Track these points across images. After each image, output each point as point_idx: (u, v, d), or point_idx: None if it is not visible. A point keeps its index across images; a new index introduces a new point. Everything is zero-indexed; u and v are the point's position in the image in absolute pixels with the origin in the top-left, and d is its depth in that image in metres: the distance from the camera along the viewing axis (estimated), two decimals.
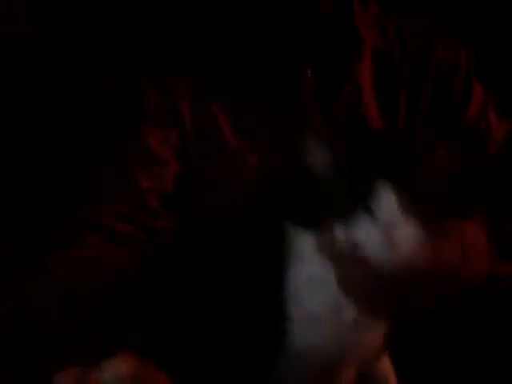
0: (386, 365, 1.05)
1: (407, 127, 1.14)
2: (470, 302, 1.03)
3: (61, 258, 1.02)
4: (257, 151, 1.09)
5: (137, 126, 1.10)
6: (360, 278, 0.91)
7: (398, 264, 0.89)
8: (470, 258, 0.97)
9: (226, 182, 1.10)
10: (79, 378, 0.81)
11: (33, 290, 1.00)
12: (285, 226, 0.97)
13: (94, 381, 0.80)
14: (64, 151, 1.43)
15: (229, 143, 1.10)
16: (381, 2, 1.17)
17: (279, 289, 0.95)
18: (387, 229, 0.89)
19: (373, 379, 1.04)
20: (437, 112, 1.15)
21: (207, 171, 1.11)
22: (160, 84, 1.11)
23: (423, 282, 0.90)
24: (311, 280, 0.94)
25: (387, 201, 0.90)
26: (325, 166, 0.95)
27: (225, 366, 0.97)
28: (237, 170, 1.09)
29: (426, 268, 0.89)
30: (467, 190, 0.99)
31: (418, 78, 1.15)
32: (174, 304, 1.03)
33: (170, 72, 1.12)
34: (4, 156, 1.42)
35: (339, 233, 0.92)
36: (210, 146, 1.10)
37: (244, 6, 1.12)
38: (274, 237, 0.97)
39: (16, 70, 1.42)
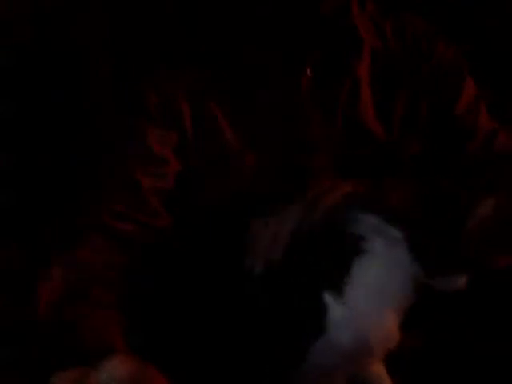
0: (377, 366, 1.05)
1: (403, 127, 1.14)
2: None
3: (62, 259, 1.02)
4: (255, 151, 1.09)
5: (137, 127, 1.10)
6: None
7: None
8: None
9: (224, 182, 1.10)
10: (77, 378, 0.81)
11: (34, 290, 1.00)
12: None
13: (91, 381, 0.80)
14: (64, 151, 1.43)
15: (228, 143, 1.10)
16: (380, 2, 1.17)
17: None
18: None
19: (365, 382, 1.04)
20: (435, 108, 1.16)
21: (206, 171, 1.11)
22: (160, 85, 1.11)
23: None
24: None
25: None
26: None
27: (226, 370, 0.97)
28: (235, 170, 1.09)
29: None
30: None
31: (418, 77, 1.15)
32: (175, 304, 1.03)
33: (170, 73, 1.12)
34: (4, 156, 1.42)
35: None
36: (209, 145, 1.10)
37: (244, 7, 1.12)
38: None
39: (16, 70, 1.42)
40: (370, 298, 0.94)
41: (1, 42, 1.41)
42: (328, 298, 0.94)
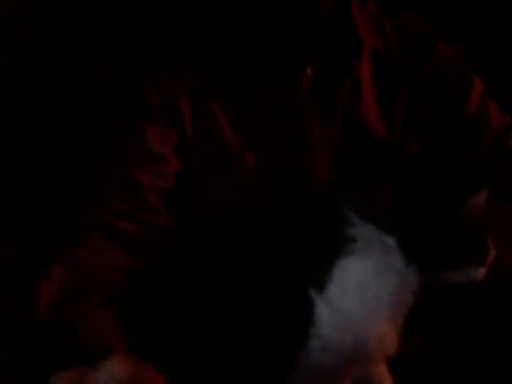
0: (379, 368, 1.05)
1: (405, 127, 1.14)
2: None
3: (62, 259, 1.02)
4: (256, 151, 1.09)
5: (137, 126, 1.10)
6: None
7: None
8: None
9: (224, 182, 1.10)
10: (77, 378, 0.81)
11: (34, 290, 1.00)
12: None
13: (91, 381, 0.80)
14: (64, 151, 1.43)
15: (228, 143, 1.10)
16: (380, 2, 1.17)
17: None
18: None
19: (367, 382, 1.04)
20: (437, 108, 1.16)
21: (206, 170, 1.11)
22: (160, 84, 1.11)
23: None
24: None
25: None
26: None
27: (225, 370, 0.97)
28: (235, 169, 1.09)
29: None
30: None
31: (418, 77, 1.15)
32: (175, 304, 1.03)
33: (170, 73, 1.12)
34: (4, 156, 1.42)
35: None
36: (209, 144, 1.10)
37: (244, 7, 1.12)
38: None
39: (16, 70, 1.42)
40: (358, 299, 0.94)
41: (1, 42, 1.41)
42: (313, 294, 0.94)
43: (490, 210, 0.99)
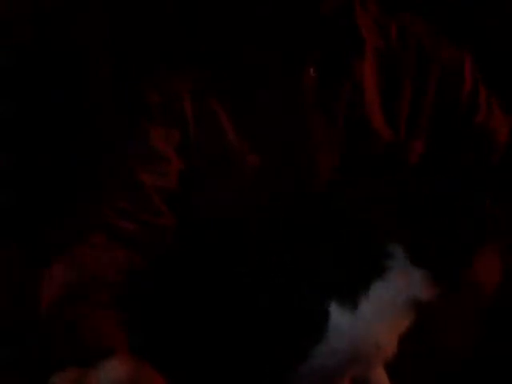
0: (378, 371, 1.05)
1: (409, 126, 1.14)
2: None
3: (62, 259, 1.02)
4: (257, 151, 1.09)
5: (139, 126, 1.10)
6: None
7: None
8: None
9: (226, 182, 1.10)
10: (77, 378, 0.81)
11: (34, 290, 1.00)
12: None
13: (91, 381, 0.80)
14: (64, 151, 1.43)
15: (230, 142, 1.10)
16: (380, 3, 1.17)
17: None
18: None
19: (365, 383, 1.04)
20: (445, 113, 1.16)
21: (208, 169, 1.11)
22: (161, 84, 1.11)
23: None
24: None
25: None
26: None
27: (225, 370, 0.97)
28: (237, 169, 1.09)
29: None
30: None
31: (421, 78, 1.15)
32: (175, 304, 1.03)
33: (170, 73, 1.12)
34: (4, 156, 1.42)
35: None
36: (211, 144, 1.10)
37: (244, 7, 1.12)
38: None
39: (16, 70, 1.42)
40: (374, 314, 0.95)
41: (1, 42, 1.41)
42: (334, 307, 0.94)
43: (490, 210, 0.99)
